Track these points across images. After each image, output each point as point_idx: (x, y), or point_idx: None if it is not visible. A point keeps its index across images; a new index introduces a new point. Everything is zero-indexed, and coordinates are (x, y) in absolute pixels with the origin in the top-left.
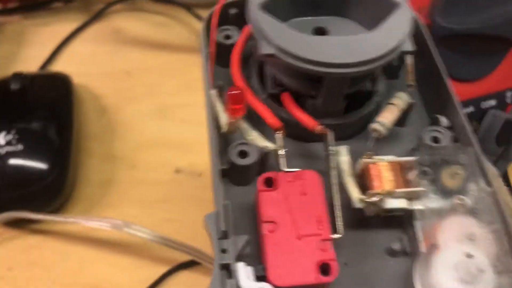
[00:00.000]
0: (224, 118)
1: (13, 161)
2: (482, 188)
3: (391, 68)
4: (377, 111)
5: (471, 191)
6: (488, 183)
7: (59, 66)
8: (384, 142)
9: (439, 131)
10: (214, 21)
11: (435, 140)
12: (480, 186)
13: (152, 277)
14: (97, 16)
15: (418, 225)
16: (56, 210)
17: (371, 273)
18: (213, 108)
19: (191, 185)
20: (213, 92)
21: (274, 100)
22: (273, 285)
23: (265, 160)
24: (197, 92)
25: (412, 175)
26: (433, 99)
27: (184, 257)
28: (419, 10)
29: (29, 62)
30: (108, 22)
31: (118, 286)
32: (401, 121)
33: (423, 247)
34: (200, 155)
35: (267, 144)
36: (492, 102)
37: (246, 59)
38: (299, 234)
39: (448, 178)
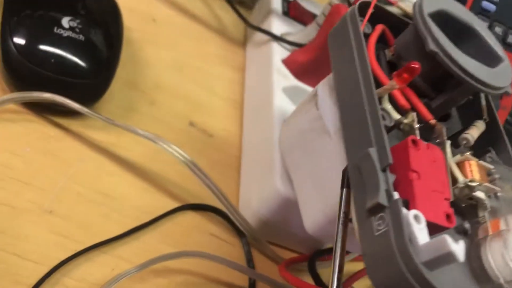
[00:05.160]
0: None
1: (70, 47)
2: None
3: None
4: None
5: None
6: None
7: None
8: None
9: None
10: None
11: None
12: None
13: (160, 209)
14: None
15: (486, 214)
16: None
17: None
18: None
19: (203, 142)
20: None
21: None
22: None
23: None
24: (208, 64)
25: (490, 178)
26: None
27: (194, 200)
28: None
29: None
30: None
31: (129, 206)
32: None
33: (490, 231)
34: (212, 118)
35: (401, 117)
36: None
37: None
38: (432, 188)
39: (509, 190)
